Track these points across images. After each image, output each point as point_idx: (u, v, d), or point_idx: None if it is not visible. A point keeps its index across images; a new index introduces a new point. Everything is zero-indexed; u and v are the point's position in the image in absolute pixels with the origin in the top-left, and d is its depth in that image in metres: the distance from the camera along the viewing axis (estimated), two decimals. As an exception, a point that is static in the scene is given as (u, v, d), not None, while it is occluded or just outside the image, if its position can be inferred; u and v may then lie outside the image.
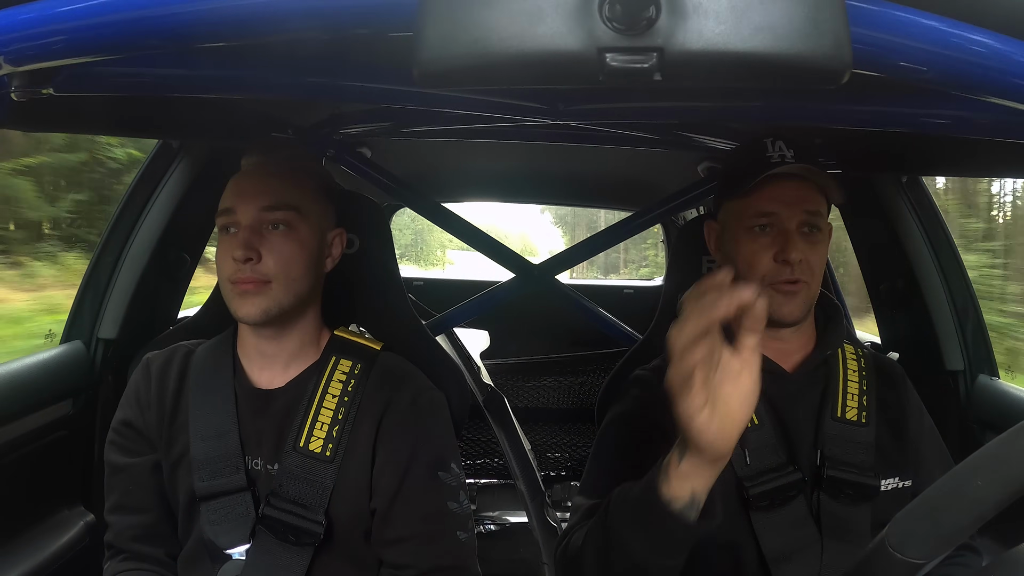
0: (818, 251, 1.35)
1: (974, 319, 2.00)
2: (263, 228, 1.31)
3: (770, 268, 1.33)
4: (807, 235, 1.34)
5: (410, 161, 2.71)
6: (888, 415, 1.41)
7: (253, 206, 1.31)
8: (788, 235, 1.32)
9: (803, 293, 1.34)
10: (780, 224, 1.33)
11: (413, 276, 3.90)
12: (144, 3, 0.68)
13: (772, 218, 1.34)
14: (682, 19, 0.55)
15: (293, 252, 1.32)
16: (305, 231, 1.34)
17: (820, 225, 1.35)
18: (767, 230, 1.34)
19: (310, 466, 1.32)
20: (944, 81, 0.68)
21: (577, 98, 1.27)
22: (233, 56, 1.05)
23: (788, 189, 1.34)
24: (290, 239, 1.32)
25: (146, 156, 2.02)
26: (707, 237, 1.49)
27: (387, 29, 0.66)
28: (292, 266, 1.32)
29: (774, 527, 1.32)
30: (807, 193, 1.34)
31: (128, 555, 1.38)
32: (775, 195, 1.34)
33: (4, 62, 0.75)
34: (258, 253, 1.29)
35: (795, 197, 1.34)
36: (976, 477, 0.65)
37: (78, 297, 1.97)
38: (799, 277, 1.32)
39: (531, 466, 2.47)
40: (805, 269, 1.33)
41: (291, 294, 1.32)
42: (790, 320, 1.35)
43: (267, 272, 1.29)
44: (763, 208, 1.34)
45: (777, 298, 1.33)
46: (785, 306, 1.33)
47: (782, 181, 1.34)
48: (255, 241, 1.29)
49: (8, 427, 1.61)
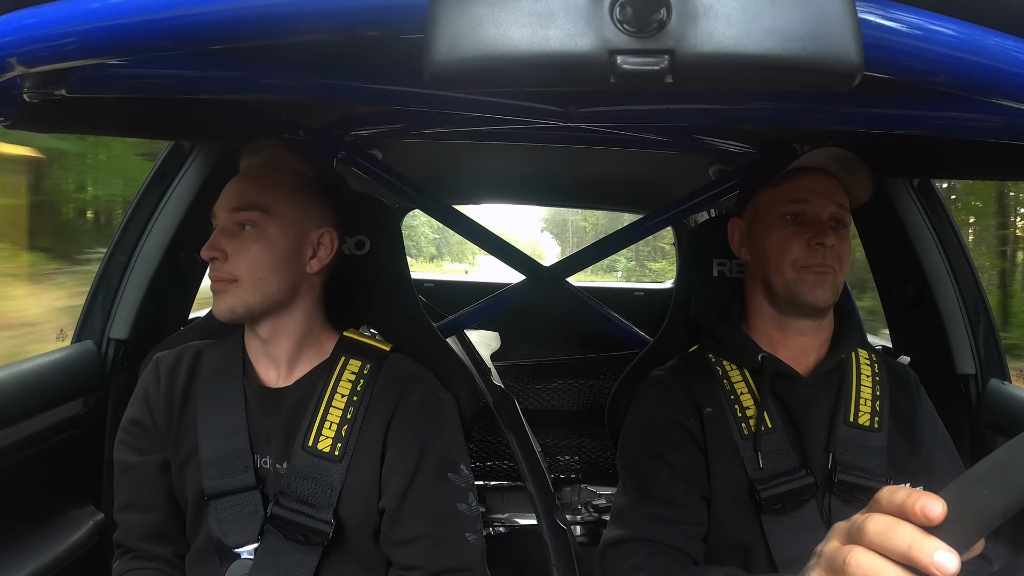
0: (846, 245, 1.39)
1: (985, 323, 1.99)
2: (235, 229, 1.34)
3: (803, 252, 1.36)
4: (835, 229, 1.37)
5: (421, 163, 2.71)
6: (900, 421, 1.41)
7: (225, 208, 1.36)
8: (821, 223, 1.36)
9: (832, 279, 1.36)
10: (813, 212, 1.37)
11: (424, 278, 3.90)
12: (156, 5, 0.68)
13: (806, 206, 1.38)
14: (693, 21, 0.55)
15: (258, 252, 1.33)
16: (274, 231, 1.34)
17: (846, 222, 1.40)
18: (799, 219, 1.38)
19: (319, 466, 1.32)
20: (956, 84, 0.68)
21: (588, 100, 1.27)
22: (245, 58, 1.05)
23: (820, 181, 1.39)
24: (255, 239, 1.34)
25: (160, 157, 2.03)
26: (731, 234, 1.51)
27: (398, 31, 0.66)
28: (257, 266, 1.33)
29: (785, 531, 1.32)
30: (837, 188, 1.39)
31: (136, 554, 1.39)
32: (809, 185, 1.39)
33: (17, 63, 0.76)
34: (224, 253, 1.32)
35: (827, 189, 1.38)
36: (982, 484, 0.65)
37: (90, 297, 1.98)
38: (831, 263, 1.35)
39: (541, 468, 2.47)
40: (836, 256, 1.36)
41: (258, 293, 1.33)
42: (821, 304, 1.37)
43: (232, 271, 1.32)
44: (798, 195, 1.39)
45: (808, 279, 1.36)
46: (818, 288, 1.36)
47: (814, 174, 1.39)
48: (223, 242, 1.33)
49: (19, 426, 1.62)
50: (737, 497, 1.35)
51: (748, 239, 1.47)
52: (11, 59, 0.75)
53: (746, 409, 1.38)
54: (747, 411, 1.38)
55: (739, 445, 1.36)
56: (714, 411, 1.39)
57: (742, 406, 1.39)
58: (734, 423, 1.38)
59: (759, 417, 1.36)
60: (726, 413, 1.39)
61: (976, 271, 2.02)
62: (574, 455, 3.37)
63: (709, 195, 2.23)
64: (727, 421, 1.38)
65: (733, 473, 1.35)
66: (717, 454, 1.37)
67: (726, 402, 1.40)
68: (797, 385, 1.40)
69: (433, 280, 3.93)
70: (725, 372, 1.44)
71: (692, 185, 2.34)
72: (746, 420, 1.37)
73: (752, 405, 1.39)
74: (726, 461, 1.36)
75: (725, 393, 1.41)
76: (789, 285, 1.37)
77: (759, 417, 1.36)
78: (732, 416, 1.38)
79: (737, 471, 1.35)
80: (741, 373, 1.43)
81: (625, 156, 2.35)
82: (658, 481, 1.37)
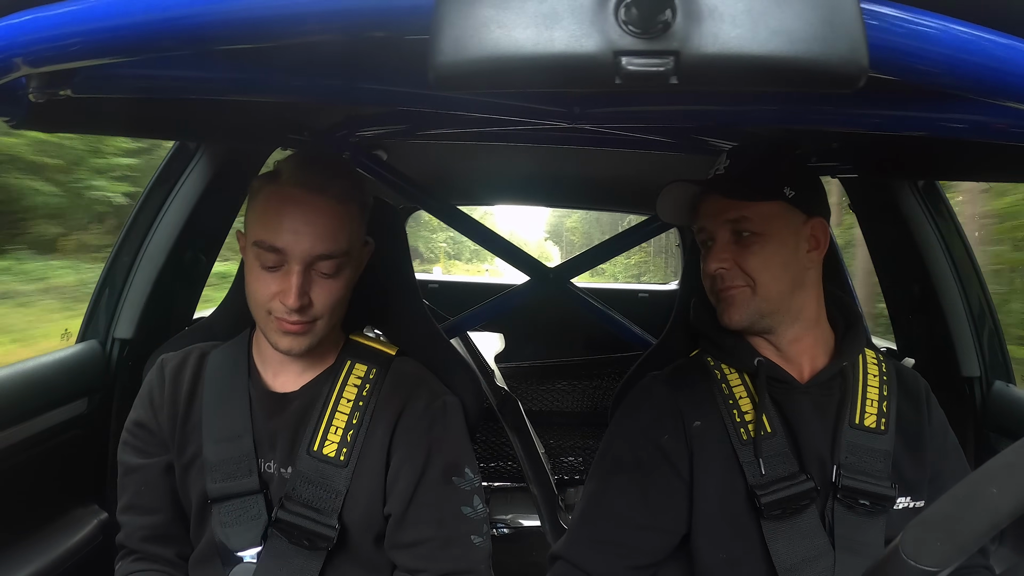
0: (756, 254, 1.35)
1: (990, 325, 1.99)
2: (311, 269, 1.27)
3: (709, 281, 1.40)
4: (741, 241, 1.35)
5: (426, 164, 2.71)
6: (906, 430, 1.40)
7: (306, 250, 1.25)
8: (713, 247, 1.38)
9: (744, 299, 1.36)
10: (711, 237, 1.39)
11: (428, 279, 3.90)
12: (162, 5, 0.68)
13: (705, 234, 1.40)
14: (698, 23, 0.55)
15: (341, 292, 1.32)
16: (351, 270, 1.34)
17: (752, 229, 1.35)
18: (710, 244, 1.39)
19: (324, 470, 1.32)
20: (961, 85, 0.67)
21: (593, 101, 1.27)
22: (250, 58, 1.05)
23: (710, 203, 1.39)
24: (339, 281, 1.31)
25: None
26: None
27: (403, 32, 0.66)
28: (336, 305, 1.32)
29: (785, 537, 1.31)
30: (724, 204, 1.37)
31: (139, 555, 1.39)
32: (703, 211, 1.41)
33: (22, 63, 0.76)
34: (309, 299, 1.27)
35: (716, 209, 1.38)
36: (991, 485, 0.65)
37: (95, 296, 1.99)
38: (733, 284, 1.35)
39: (544, 470, 2.47)
40: (737, 276, 1.36)
41: (330, 325, 1.33)
42: (736, 325, 1.38)
43: (315, 314, 1.29)
44: (699, 224, 1.42)
45: (720, 305, 1.39)
46: (728, 311, 1.38)
47: (708, 197, 1.40)
48: (306, 285, 1.26)
49: (24, 425, 1.62)
50: (733, 505, 1.34)
51: None
52: (16, 59, 0.75)
53: (745, 414, 1.38)
54: (746, 416, 1.38)
55: (738, 451, 1.35)
56: (705, 423, 1.38)
57: (741, 411, 1.38)
58: (732, 429, 1.37)
59: (758, 422, 1.36)
60: (723, 420, 1.38)
61: (981, 273, 2.01)
62: (578, 456, 3.37)
63: None
64: (723, 429, 1.37)
65: (729, 482, 1.35)
66: (706, 466, 1.36)
67: (724, 408, 1.39)
68: (794, 391, 1.39)
69: (437, 281, 3.93)
70: (724, 376, 1.43)
71: None
72: (745, 425, 1.37)
73: (751, 410, 1.38)
74: (718, 471, 1.35)
75: (723, 398, 1.40)
76: (718, 310, 1.41)
77: (758, 422, 1.36)
78: (730, 422, 1.37)
79: (734, 478, 1.35)
80: (740, 378, 1.42)
81: (630, 157, 2.35)
82: (610, 500, 1.38)
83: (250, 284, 1.30)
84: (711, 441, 1.37)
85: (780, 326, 1.39)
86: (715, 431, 1.37)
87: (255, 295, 1.29)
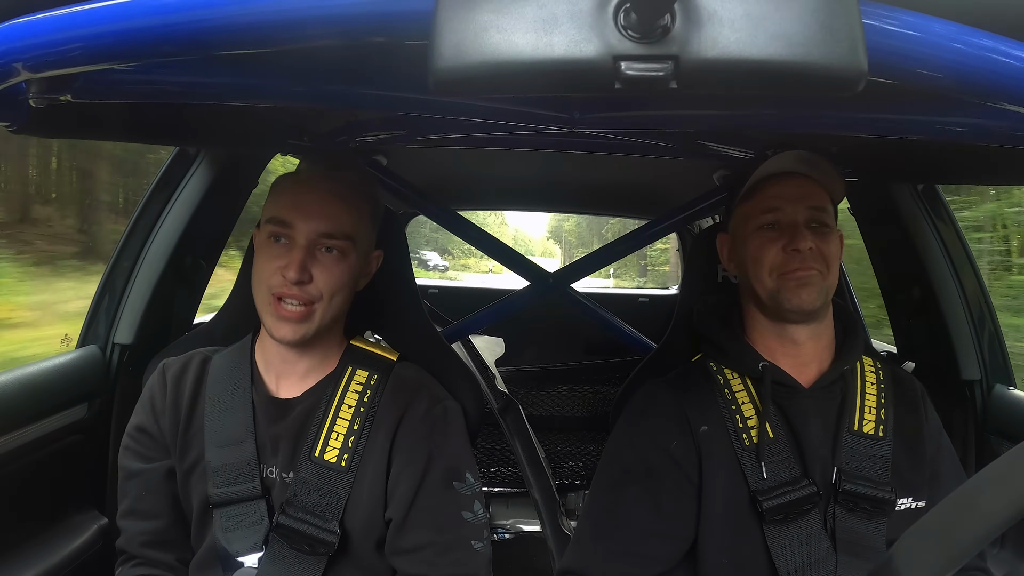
0: (830, 244, 1.36)
1: (990, 328, 1.98)
2: (316, 249, 1.31)
3: (779, 258, 1.35)
4: (816, 230, 1.36)
5: (426, 169, 2.71)
6: (904, 433, 1.40)
7: (312, 227, 1.31)
8: (796, 228, 1.35)
9: (817, 281, 1.35)
10: (787, 219, 1.36)
11: (428, 284, 3.90)
12: (162, 10, 0.68)
13: (778, 214, 1.37)
14: (697, 27, 0.55)
15: (341, 277, 1.33)
16: (353, 258, 1.35)
17: (827, 222, 1.38)
18: (775, 228, 1.37)
19: (325, 476, 1.32)
20: (961, 88, 0.67)
21: (593, 106, 1.27)
22: (250, 64, 1.05)
23: (790, 186, 1.38)
24: (341, 264, 1.33)
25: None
26: (719, 249, 1.51)
27: (403, 37, 0.66)
28: (336, 288, 1.33)
29: (787, 541, 1.31)
30: (810, 189, 1.38)
31: (139, 560, 1.39)
32: (778, 192, 1.38)
33: (23, 68, 0.76)
34: (310, 275, 1.30)
35: (798, 194, 1.37)
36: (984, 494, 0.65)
37: (94, 302, 1.99)
38: (812, 265, 1.34)
39: (545, 475, 2.47)
40: (817, 257, 1.34)
41: (329, 314, 1.34)
42: (807, 307, 1.35)
43: (314, 294, 1.31)
44: (768, 205, 1.38)
45: (789, 285, 1.34)
46: (801, 291, 1.34)
47: (784, 179, 1.38)
48: (309, 262, 1.30)
49: (23, 430, 1.62)
50: (736, 511, 1.34)
51: (733, 253, 1.47)
52: (16, 64, 0.75)
53: (747, 419, 1.37)
54: (748, 421, 1.37)
55: (740, 456, 1.35)
56: (711, 428, 1.38)
57: (743, 416, 1.38)
58: (735, 434, 1.37)
59: (761, 427, 1.35)
60: (726, 425, 1.38)
61: (981, 276, 2.01)
62: (579, 461, 3.37)
63: (713, 201, 2.23)
64: (726, 434, 1.37)
65: (732, 487, 1.34)
66: (713, 472, 1.36)
67: (727, 413, 1.39)
68: (798, 396, 1.39)
69: (438, 286, 3.94)
70: (727, 381, 1.43)
71: (697, 191, 2.34)
72: (747, 431, 1.37)
73: (754, 415, 1.38)
74: (724, 477, 1.35)
75: (726, 404, 1.40)
76: (772, 294, 1.36)
77: (761, 427, 1.35)
78: (733, 427, 1.37)
79: (737, 484, 1.34)
80: (743, 382, 1.42)
81: (629, 162, 2.35)
82: (626, 510, 1.37)
83: (257, 264, 1.34)
84: (717, 446, 1.36)
85: (823, 318, 1.41)
86: (719, 436, 1.37)
87: (260, 273, 1.33)
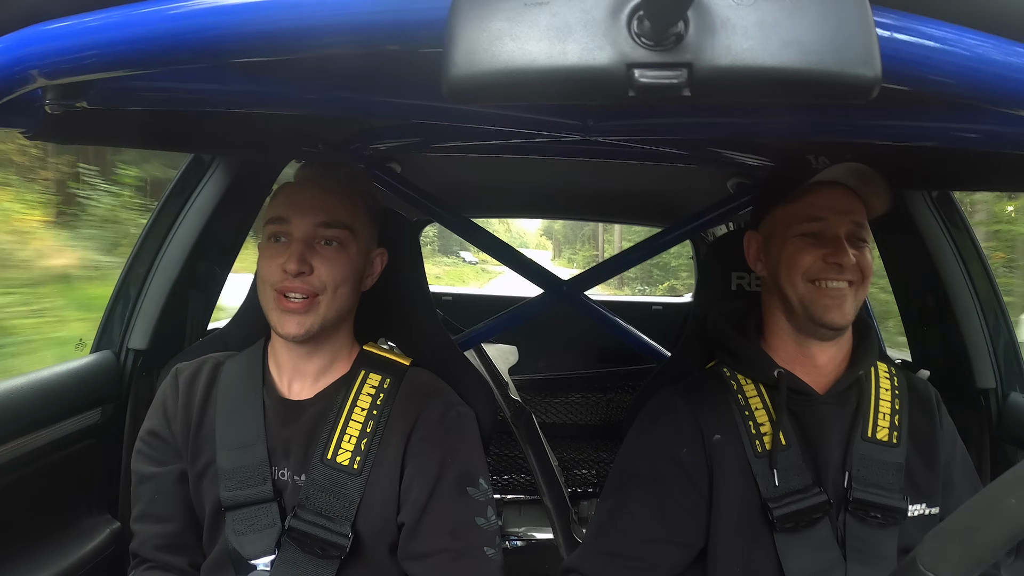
0: (866, 259, 1.36)
1: (1006, 336, 1.97)
2: (315, 242, 1.33)
3: (816, 266, 1.33)
4: (854, 244, 1.35)
5: (440, 176, 2.72)
6: (919, 439, 1.39)
7: (309, 220, 1.33)
8: (839, 240, 1.33)
9: (851, 296, 1.34)
10: (831, 231, 1.35)
11: (442, 291, 3.91)
12: (177, 19, 0.69)
13: (823, 224, 1.35)
14: (711, 35, 0.55)
15: (343, 269, 1.34)
16: (354, 250, 1.36)
17: (866, 237, 1.37)
18: (817, 237, 1.35)
19: (337, 479, 1.32)
20: (974, 95, 0.67)
21: (606, 114, 1.27)
22: (265, 72, 1.06)
23: (836, 197, 1.36)
24: (341, 256, 1.34)
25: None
26: (746, 247, 1.49)
27: (417, 45, 0.66)
28: (339, 281, 1.34)
29: (798, 549, 1.30)
30: (854, 204, 1.37)
31: (152, 564, 1.39)
32: (825, 202, 1.36)
33: (39, 75, 0.77)
34: (310, 266, 1.31)
35: (844, 206, 1.36)
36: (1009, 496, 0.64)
37: (109, 307, 2.00)
38: (849, 277, 1.33)
39: (558, 482, 2.46)
40: (855, 271, 1.33)
41: (333, 309, 1.34)
42: (838, 325, 1.34)
43: (317, 285, 1.32)
44: (814, 213, 1.36)
45: (823, 301, 1.33)
46: (834, 310, 1.33)
47: (830, 189, 1.36)
48: (308, 255, 1.31)
49: (37, 434, 1.63)
50: (748, 519, 1.33)
51: (765, 254, 1.45)
52: (33, 71, 0.76)
53: (760, 426, 1.37)
54: (761, 428, 1.37)
55: (752, 463, 1.34)
56: (723, 437, 1.37)
57: (756, 423, 1.37)
58: (748, 441, 1.36)
59: (775, 435, 1.35)
60: (739, 432, 1.37)
61: (996, 284, 2.00)
62: (591, 469, 3.35)
63: (727, 208, 2.22)
64: (739, 442, 1.36)
65: (743, 495, 1.34)
66: (725, 480, 1.35)
67: (740, 420, 1.38)
68: (813, 403, 1.38)
69: (452, 293, 3.94)
70: (740, 387, 1.42)
71: (710, 198, 2.33)
72: (760, 437, 1.36)
73: (767, 422, 1.37)
74: (735, 484, 1.34)
75: (740, 410, 1.39)
76: (804, 301, 1.35)
77: (775, 435, 1.35)
78: (746, 434, 1.37)
79: (749, 491, 1.34)
80: (757, 389, 1.41)
81: (643, 169, 2.34)
82: (629, 514, 1.37)
83: (260, 266, 1.36)
84: (729, 454, 1.36)
85: (847, 330, 1.41)
86: (732, 443, 1.37)
87: (263, 273, 1.34)
